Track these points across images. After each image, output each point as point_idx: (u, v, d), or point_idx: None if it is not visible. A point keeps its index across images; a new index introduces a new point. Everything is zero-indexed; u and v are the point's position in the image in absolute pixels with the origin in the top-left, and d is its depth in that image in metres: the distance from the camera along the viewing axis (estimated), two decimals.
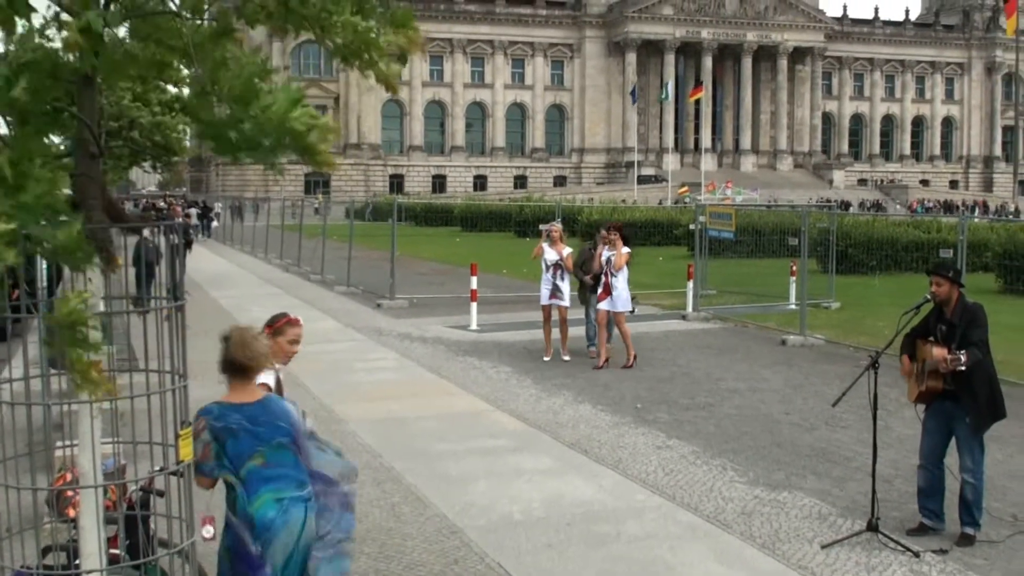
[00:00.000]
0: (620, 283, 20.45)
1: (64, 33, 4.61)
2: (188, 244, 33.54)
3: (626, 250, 20.60)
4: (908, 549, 10.02)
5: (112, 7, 4.80)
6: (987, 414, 10.44)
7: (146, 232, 27.46)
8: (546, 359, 21.07)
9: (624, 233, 21.07)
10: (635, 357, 20.55)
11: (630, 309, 20.93)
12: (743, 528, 10.75)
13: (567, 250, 21.44)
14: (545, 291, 21.34)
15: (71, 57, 4.75)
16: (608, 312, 20.60)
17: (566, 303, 21.33)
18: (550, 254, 21.29)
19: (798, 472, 12.99)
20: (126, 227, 5.39)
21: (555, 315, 21.39)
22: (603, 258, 20.63)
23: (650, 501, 11.69)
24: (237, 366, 6.88)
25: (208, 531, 6.74)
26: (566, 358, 21.07)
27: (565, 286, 21.25)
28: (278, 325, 8.11)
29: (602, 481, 12.50)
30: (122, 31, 4.97)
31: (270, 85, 5.01)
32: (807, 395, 17.80)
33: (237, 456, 6.61)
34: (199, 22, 4.96)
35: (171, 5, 4.96)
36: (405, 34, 5.01)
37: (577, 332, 22.12)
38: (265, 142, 5.06)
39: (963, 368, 10.09)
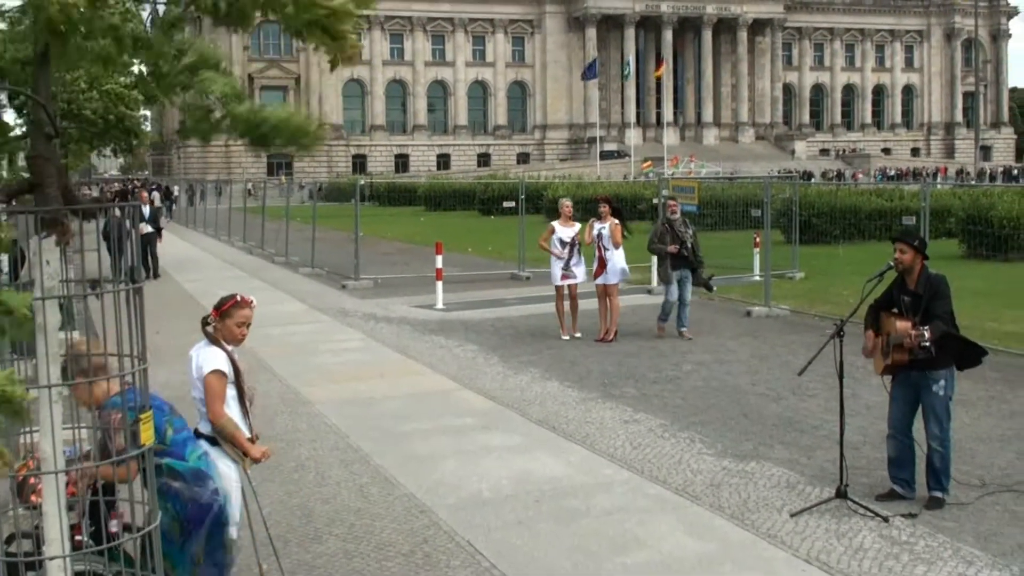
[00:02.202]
0: (615, 256, 20.54)
1: None
2: (158, 231, 33.77)
3: (616, 222, 20.70)
4: (877, 514, 10.05)
5: None
6: (969, 361, 10.56)
7: (117, 212, 27.36)
8: (564, 338, 20.86)
9: (614, 205, 21.14)
10: (616, 334, 20.55)
11: (626, 279, 21.81)
12: (712, 499, 10.76)
13: (578, 226, 21.22)
14: (557, 270, 20.95)
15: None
16: (604, 285, 20.73)
17: (579, 279, 21.08)
18: (563, 231, 20.93)
19: (766, 442, 13.01)
20: (79, 208, 5.32)
21: (566, 291, 21.14)
22: (595, 232, 20.68)
23: (618, 475, 11.68)
24: None
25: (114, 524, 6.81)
26: (578, 335, 20.92)
27: (578, 264, 20.97)
28: (225, 307, 8.03)
29: (570, 457, 12.49)
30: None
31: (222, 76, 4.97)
32: (773, 365, 17.84)
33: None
34: (148, 11, 4.90)
35: None
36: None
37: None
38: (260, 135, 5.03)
39: (927, 344, 10.12)
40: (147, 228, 32.45)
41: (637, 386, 16.40)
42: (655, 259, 23.49)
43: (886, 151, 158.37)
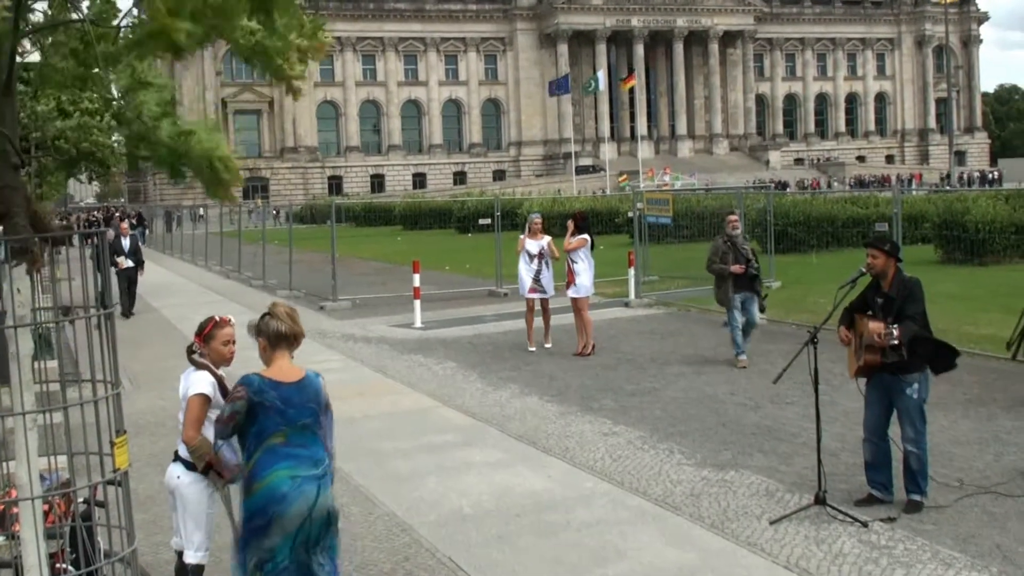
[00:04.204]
0: (580, 268, 20.76)
1: None
2: (139, 265, 31.36)
3: (579, 237, 20.85)
4: (856, 519, 10.10)
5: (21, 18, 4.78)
6: (943, 364, 10.63)
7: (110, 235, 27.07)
8: (531, 350, 21.09)
9: (578, 222, 21.18)
10: (593, 347, 20.63)
11: (590, 293, 21.54)
12: (692, 509, 10.80)
13: (547, 238, 21.31)
14: (527, 281, 21.15)
15: None
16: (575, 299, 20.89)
17: (548, 294, 21.27)
18: (531, 245, 21.14)
19: (745, 451, 13.05)
20: (49, 237, 5.34)
21: (538, 306, 21.40)
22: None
23: (599, 488, 11.71)
24: (284, 336, 7.21)
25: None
26: (548, 345, 21.18)
27: (547, 276, 21.15)
28: (207, 331, 8.05)
29: (550, 471, 12.52)
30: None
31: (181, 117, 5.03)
32: (751, 375, 17.90)
33: (260, 432, 6.93)
34: (111, 31, 4.94)
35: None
36: (311, 41, 5.03)
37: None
38: (188, 163, 5.07)
39: (895, 343, 10.18)
40: (127, 262, 30.45)
41: (616, 399, 16.44)
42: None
43: (861, 159, 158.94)
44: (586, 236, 20.91)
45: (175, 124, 5.11)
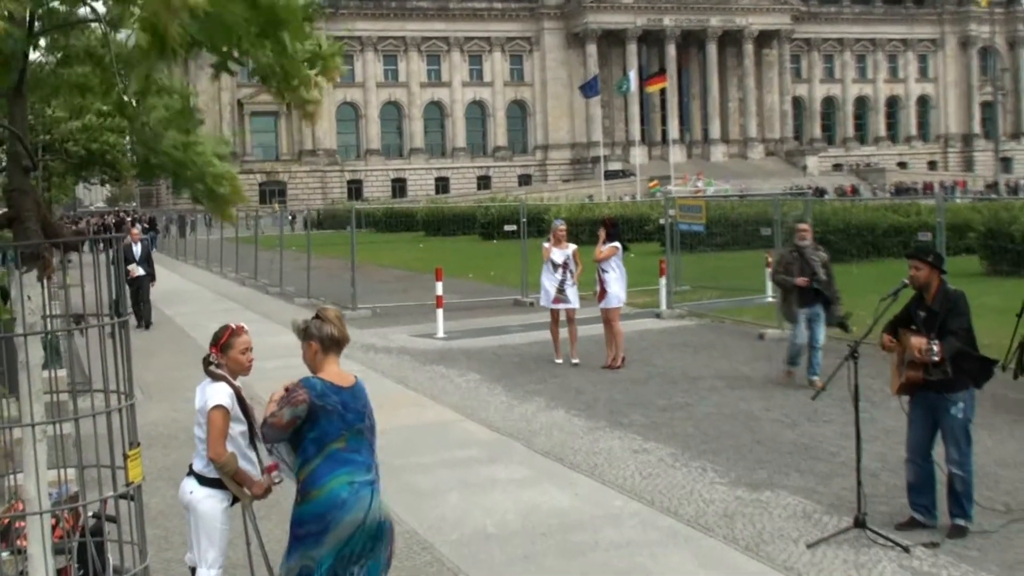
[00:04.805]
0: (611, 278, 20.65)
1: None
2: (151, 274, 30.62)
3: (610, 245, 20.72)
4: (897, 544, 10.04)
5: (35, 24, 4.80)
6: (985, 375, 10.56)
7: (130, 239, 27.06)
8: (558, 361, 21.05)
9: (609, 229, 21.00)
10: (623, 360, 20.58)
11: (622, 303, 21.27)
12: (725, 531, 10.76)
13: (572, 247, 21.23)
14: (550, 291, 21.10)
15: None
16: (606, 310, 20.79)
17: (572, 305, 21.17)
18: (556, 254, 21.08)
19: (781, 470, 13.00)
20: (61, 242, 5.35)
21: (563, 316, 21.32)
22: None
23: (628, 507, 11.68)
24: (336, 341, 7.31)
25: (277, 476, 7.68)
26: (575, 361, 20.99)
27: (571, 288, 21.08)
28: (223, 340, 8.07)
29: (578, 489, 12.50)
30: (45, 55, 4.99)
31: (194, 127, 5.04)
32: (787, 390, 17.83)
33: (323, 436, 7.02)
34: (122, 37, 4.95)
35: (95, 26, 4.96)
36: (325, 65, 5.04)
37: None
38: (185, 176, 5.09)
39: (936, 359, 10.11)
40: (138, 270, 29.55)
41: (646, 414, 16.40)
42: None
43: (902, 165, 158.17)
44: (617, 244, 20.84)
45: (181, 133, 5.12)
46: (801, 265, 18.31)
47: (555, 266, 21.01)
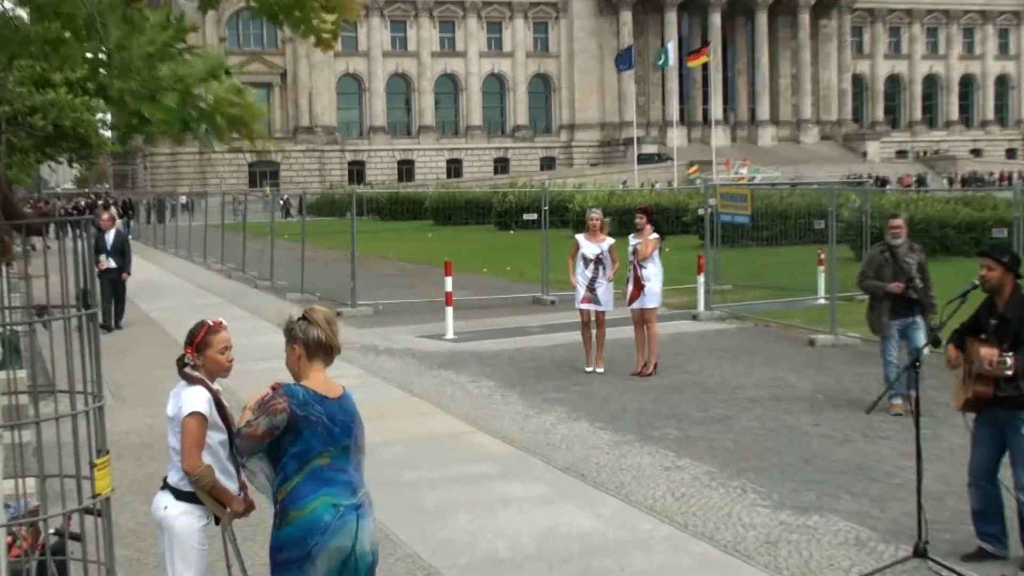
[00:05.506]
0: (649, 273, 20.53)
1: None
2: (126, 267, 29.51)
3: (654, 236, 20.65)
4: None
5: None
6: None
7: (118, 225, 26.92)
8: (588, 370, 20.91)
9: (652, 217, 21.00)
10: (656, 366, 20.58)
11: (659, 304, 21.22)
12: (767, 559, 10.76)
13: (609, 241, 20.91)
14: (581, 291, 20.87)
15: None
16: (641, 311, 20.68)
17: (603, 307, 20.91)
18: (588, 247, 20.82)
19: (831, 492, 12.99)
20: (23, 224, 5.38)
21: (591, 318, 21.06)
22: (630, 248, 20.70)
23: (658, 531, 11.69)
24: (323, 347, 7.27)
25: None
26: (600, 370, 20.90)
27: (604, 288, 20.83)
28: (200, 338, 7.89)
29: (602, 509, 12.51)
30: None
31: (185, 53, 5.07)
32: (840, 403, 17.80)
33: (306, 451, 7.01)
34: None
35: None
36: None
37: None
38: (187, 114, 5.12)
39: (1009, 373, 10.04)
40: (109, 262, 28.69)
41: (680, 427, 16.41)
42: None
43: (976, 152, 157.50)
44: (658, 236, 20.72)
45: (171, 61, 5.17)
46: (894, 268, 17.18)
47: (587, 261, 20.76)
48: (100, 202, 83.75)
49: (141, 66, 4.51)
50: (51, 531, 6.90)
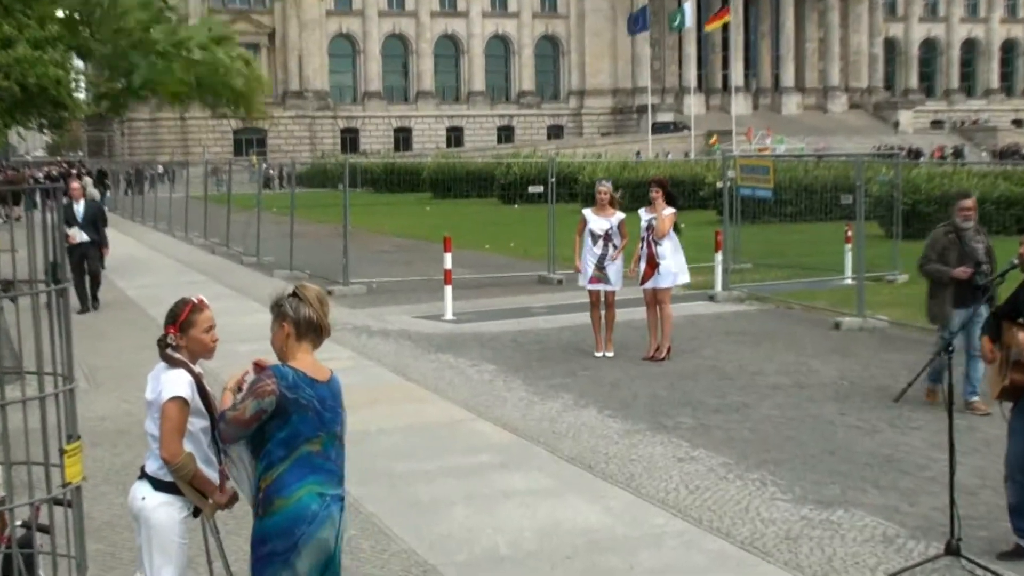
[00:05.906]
0: (667, 252, 20.45)
1: None
2: (102, 241, 28.96)
3: (670, 211, 20.56)
4: None
5: None
6: None
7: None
8: (597, 355, 20.85)
9: (668, 190, 20.92)
10: (669, 350, 20.57)
11: (678, 283, 21.29)
12: (788, 556, 10.75)
13: (619, 215, 20.73)
14: (588, 269, 20.75)
15: None
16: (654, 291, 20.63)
17: (612, 286, 20.81)
18: (597, 222, 20.67)
19: (856, 485, 12.99)
20: None
21: (600, 298, 20.95)
22: (643, 224, 20.60)
23: (670, 526, 11.69)
24: (314, 326, 7.29)
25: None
26: (609, 354, 20.86)
27: (613, 265, 20.68)
28: (183, 317, 7.76)
29: (610, 503, 12.51)
30: None
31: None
32: (867, 391, 17.76)
33: (295, 436, 7.03)
34: None
35: None
36: None
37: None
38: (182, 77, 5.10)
39: None
40: (81, 236, 27.70)
41: (695, 415, 16.41)
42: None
43: (1018, 123, 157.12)
44: (674, 210, 20.63)
45: (166, 26, 5.14)
46: (960, 252, 16.37)
47: (595, 238, 20.61)
48: (73, 171, 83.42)
49: (134, 26, 4.50)
50: (17, 523, 6.90)
